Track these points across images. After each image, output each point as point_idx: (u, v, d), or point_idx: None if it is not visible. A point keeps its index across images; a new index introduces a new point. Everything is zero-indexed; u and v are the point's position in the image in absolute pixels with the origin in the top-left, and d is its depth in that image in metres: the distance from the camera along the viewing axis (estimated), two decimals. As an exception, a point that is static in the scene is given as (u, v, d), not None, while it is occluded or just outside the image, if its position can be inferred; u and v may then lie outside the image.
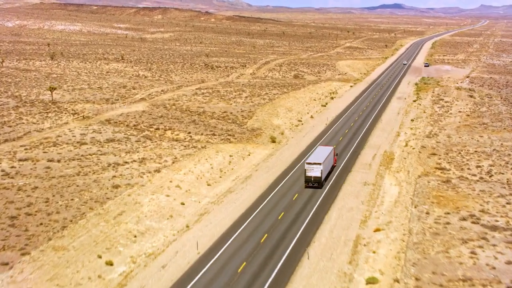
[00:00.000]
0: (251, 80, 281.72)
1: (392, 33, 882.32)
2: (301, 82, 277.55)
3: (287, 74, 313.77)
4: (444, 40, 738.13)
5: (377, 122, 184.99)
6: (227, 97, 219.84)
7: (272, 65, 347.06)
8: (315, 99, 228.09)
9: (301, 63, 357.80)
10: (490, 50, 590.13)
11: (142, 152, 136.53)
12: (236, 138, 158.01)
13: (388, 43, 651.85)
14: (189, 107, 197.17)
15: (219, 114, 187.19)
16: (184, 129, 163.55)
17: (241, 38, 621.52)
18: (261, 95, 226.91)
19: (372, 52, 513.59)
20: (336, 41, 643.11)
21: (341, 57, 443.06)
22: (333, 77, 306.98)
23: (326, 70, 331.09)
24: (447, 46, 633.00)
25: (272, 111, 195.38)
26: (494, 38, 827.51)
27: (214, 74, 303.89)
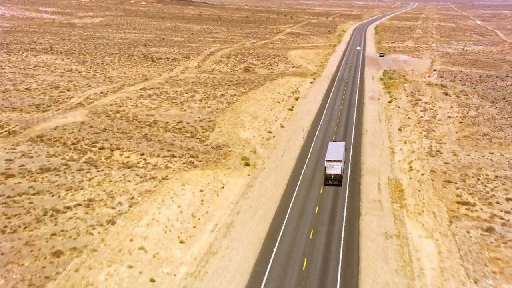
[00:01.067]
0: (199, 75, 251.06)
1: (329, 17, 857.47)
2: (255, 77, 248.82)
3: (236, 67, 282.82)
4: (384, 24, 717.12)
5: (362, 133, 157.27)
6: (179, 100, 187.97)
7: (218, 56, 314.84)
8: (278, 101, 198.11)
9: (249, 54, 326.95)
10: (435, 35, 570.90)
11: (88, 188, 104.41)
12: (201, 160, 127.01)
13: (329, 28, 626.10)
14: (137, 115, 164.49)
15: (173, 125, 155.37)
16: (135, 148, 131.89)
17: (176, 23, 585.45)
18: (217, 96, 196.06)
19: (316, 39, 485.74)
20: (276, 26, 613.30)
21: (286, 45, 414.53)
22: (287, 71, 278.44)
23: (278, 62, 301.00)
24: (390, 31, 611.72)
25: (235, 120, 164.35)
26: (432, 22, 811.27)
27: (156, 68, 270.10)
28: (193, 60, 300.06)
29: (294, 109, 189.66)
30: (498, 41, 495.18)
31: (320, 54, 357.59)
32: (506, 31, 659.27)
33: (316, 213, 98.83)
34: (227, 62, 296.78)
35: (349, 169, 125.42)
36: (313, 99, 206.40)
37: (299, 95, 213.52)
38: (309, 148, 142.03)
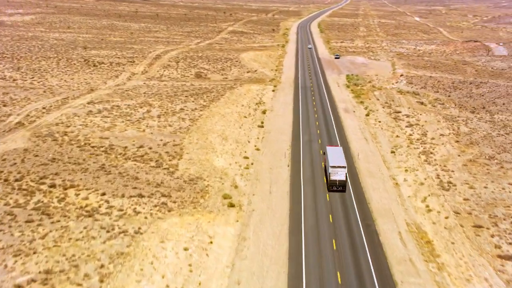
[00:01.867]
0: (148, 83, 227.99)
1: (268, 14, 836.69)
2: (211, 86, 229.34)
3: (186, 73, 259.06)
4: (326, 22, 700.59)
5: (353, 158, 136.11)
6: (134, 117, 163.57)
7: (165, 60, 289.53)
8: (245, 116, 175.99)
9: (198, 57, 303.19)
10: (381, 34, 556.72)
11: (43, 252, 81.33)
12: (176, 201, 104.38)
13: (272, 26, 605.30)
14: (88, 138, 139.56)
15: (134, 151, 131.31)
16: (93, 185, 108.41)
17: (113, 21, 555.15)
18: (176, 111, 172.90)
19: (262, 38, 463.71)
20: (217, 25, 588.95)
21: (233, 45, 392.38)
22: (243, 76, 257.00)
23: (231, 67, 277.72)
24: (334, 29, 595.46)
25: (204, 142, 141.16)
26: (372, 19, 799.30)
27: (100, 74, 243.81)
28: (139, 65, 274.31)
29: (265, 125, 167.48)
30: (446, 39, 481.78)
31: (272, 56, 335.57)
32: (448, 28, 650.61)
33: (340, 284, 76.11)
34: (176, 66, 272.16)
35: (356, 209, 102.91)
36: (282, 112, 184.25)
37: (265, 107, 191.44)
38: (299, 179, 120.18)
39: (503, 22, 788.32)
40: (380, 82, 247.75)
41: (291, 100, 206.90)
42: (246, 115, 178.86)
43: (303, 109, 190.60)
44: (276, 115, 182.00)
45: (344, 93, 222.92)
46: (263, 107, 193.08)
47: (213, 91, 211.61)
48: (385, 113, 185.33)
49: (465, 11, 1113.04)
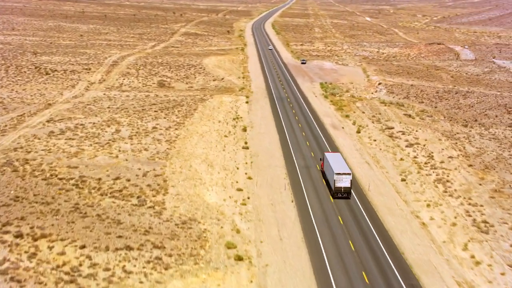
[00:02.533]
0: (109, 94, 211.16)
1: (219, 14, 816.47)
2: (179, 97, 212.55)
3: (148, 81, 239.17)
4: (279, 22, 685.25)
5: (363, 190, 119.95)
6: (103, 138, 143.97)
7: (123, 66, 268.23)
8: (225, 135, 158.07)
9: (158, 64, 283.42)
10: (338, 35, 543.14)
11: None
12: (172, 254, 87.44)
13: (225, 27, 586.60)
14: (55, 167, 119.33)
15: (110, 184, 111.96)
16: (69, 233, 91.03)
17: (59, 22, 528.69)
18: (149, 131, 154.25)
19: (218, 41, 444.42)
20: (168, 26, 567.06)
21: (190, 49, 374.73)
22: (209, 85, 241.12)
23: (195, 74, 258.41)
24: (289, 30, 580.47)
25: (189, 171, 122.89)
26: (324, 19, 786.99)
27: (54, 84, 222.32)
28: (96, 73, 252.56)
29: (250, 146, 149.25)
30: (409, 42, 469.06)
31: (235, 61, 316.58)
32: (403, 29, 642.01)
33: None
34: (136, 74, 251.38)
35: (391, 264, 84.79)
36: (264, 130, 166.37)
37: (244, 123, 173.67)
38: (310, 221, 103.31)
39: (455, 22, 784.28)
40: (358, 92, 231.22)
41: (270, 114, 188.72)
42: (226, 134, 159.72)
43: (287, 125, 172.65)
44: (259, 133, 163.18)
45: (324, 104, 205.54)
46: (242, 122, 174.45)
47: (183, 104, 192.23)
48: (377, 130, 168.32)
49: (412, 11, 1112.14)
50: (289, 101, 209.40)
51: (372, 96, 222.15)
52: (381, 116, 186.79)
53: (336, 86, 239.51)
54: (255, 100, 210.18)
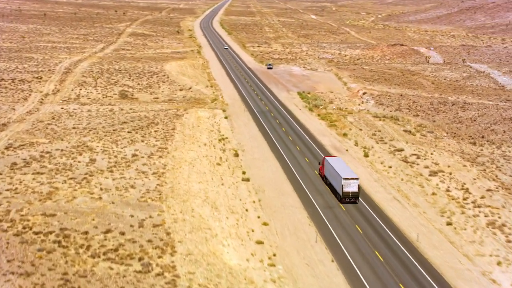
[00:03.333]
0: (68, 108, 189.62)
1: (162, 12, 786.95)
2: (149, 112, 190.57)
3: (108, 92, 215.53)
4: (226, 21, 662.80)
5: (412, 243, 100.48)
6: (77, 171, 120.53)
7: (78, 74, 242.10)
8: (217, 162, 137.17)
9: (116, 71, 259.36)
10: (290, 35, 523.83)
11: None
12: None
13: (172, 26, 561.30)
14: (27, 217, 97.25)
15: (100, 240, 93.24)
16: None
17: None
18: (129, 159, 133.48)
19: (170, 42, 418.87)
20: (113, 25, 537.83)
21: (143, 51, 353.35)
22: (176, 96, 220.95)
23: (159, 83, 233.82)
24: (240, 30, 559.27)
25: (193, 217, 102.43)
26: (270, 17, 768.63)
27: (3, 96, 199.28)
28: (48, 82, 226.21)
29: (251, 178, 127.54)
30: (370, 43, 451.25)
31: (197, 66, 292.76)
32: (354, 28, 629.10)
33: None
34: (94, 84, 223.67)
35: None
36: (258, 154, 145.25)
37: (232, 146, 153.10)
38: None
39: (403, 20, 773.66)
40: (343, 103, 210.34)
41: (258, 132, 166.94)
42: (218, 161, 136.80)
43: (283, 148, 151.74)
44: (254, 159, 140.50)
45: (313, 120, 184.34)
46: (230, 145, 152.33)
47: (158, 121, 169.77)
48: (385, 152, 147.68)
49: (354, 8, 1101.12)
50: (273, 115, 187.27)
51: (359, 108, 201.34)
52: (382, 134, 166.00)
53: (317, 97, 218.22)
54: (235, 115, 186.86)
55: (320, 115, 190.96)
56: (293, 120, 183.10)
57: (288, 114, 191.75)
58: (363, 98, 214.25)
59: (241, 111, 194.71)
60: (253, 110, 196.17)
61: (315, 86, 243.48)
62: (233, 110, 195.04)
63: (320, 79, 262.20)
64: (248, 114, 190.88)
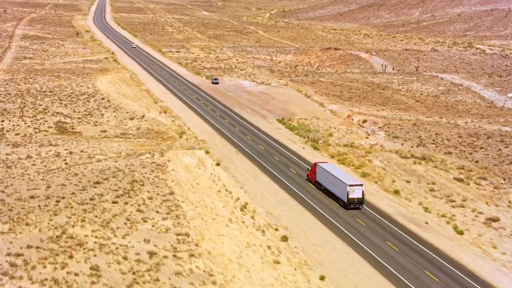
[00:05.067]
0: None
1: (44, 8, 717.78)
2: (109, 157, 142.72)
3: (41, 124, 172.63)
4: (121, 20, 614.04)
5: None
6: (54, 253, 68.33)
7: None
8: (275, 259, 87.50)
9: (39, 92, 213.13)
10: (200, 36, 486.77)
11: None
12: None
13: (66, 26, 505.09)
14: None
15: None
16: None
17: None
18: (149, 266, 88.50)
19: (73, 47, 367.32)
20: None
21: (48, 59, 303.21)
22: (128, 127, 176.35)
23: (99, 108, 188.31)
24: (142, 30, 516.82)
25: None
26: (165, 15, 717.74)
27: None
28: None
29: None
30: (302, 47, 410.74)
31: (128, 82, 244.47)
32: (259, 26, 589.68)
33: None
34: (20, 114, 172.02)
35: None
36: (317, 237, 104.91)
37: (267, 220, 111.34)
38: None
39: (302, 17, 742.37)
40: (344, 135, 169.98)
41: (283, 193, 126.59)
42: (271, 255, 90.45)
43: (341, 222, 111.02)
44: (315, 247, 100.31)
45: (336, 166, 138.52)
46: (260, 218, 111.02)
47: (140, 178, 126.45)
48: (476, 223, 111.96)
49: (241, 3, 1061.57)
50: (279, 160, 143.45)
51: (369, 143, 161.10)
52: (439, 188, 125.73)
53: (306, 126, 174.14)
54: (227, 161, 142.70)
55: (333, 156, 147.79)
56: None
57: (296, 157, 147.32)
58: (366, 128, 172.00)
59: (230, 153, 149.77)
60: (247, 152, 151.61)
61: (288, 109, 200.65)
62: (219, 152, 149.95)
63: (286, 97, 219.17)
64: (245, 158, 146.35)
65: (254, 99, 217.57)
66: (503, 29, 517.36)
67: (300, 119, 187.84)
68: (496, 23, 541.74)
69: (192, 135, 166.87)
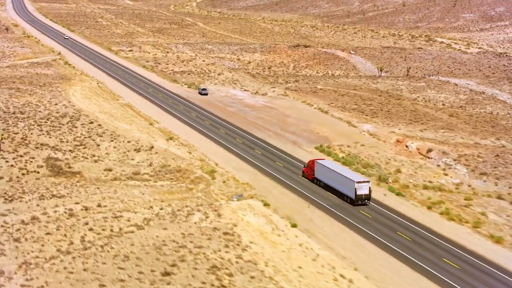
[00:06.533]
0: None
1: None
2: (134, 222, 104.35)
3: (28, 163, 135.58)
4: (45, 11, 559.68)
5: None
6: None
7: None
8: None
9: (9, 114, 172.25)
10: (141, 30, 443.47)
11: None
12: None
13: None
14: None
15: None
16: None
17: None
18: None
19: (10, 46, 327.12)
20: None
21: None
22: (137, 163, 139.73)
23: (92, 136, 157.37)
24: (74, 23, 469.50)
25: None
26: (88, 4, 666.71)
27: None
28: None
29: None
30: (269, 44, 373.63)
31: (101, 94, 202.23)
32: (197, 18, 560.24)
33: None
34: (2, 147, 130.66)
35: None
36: None
37: None
38: None
39: (234, 7, 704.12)
40: (418, 172, 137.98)
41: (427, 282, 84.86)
42: None
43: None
44: None
45: (435, 220, 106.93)
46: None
47: (224, 265, 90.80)
48: None
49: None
50: (372, 217, 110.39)
51: (452, 181, 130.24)
52: None
53: (357, 158, 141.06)
54: (298, 216, 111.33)
55: (430, 206, 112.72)
56: (424, 230, 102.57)
57: (389, 212, 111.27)
58: (436, 160, 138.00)
59: (296, 204, 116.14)
60: (318, 203, 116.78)
61: (314, 130, 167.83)
62: (279, 202, 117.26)
63: (299, 113, 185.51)
64: (321, 213, 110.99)
65: (264, 116, 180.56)
66: (455, 20, 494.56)
67: (341, 146, 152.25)
68: (446, 13, 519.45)
69: (225, 174, 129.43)
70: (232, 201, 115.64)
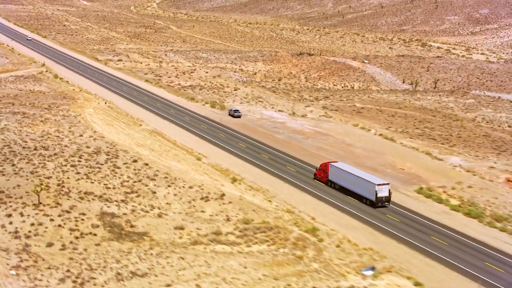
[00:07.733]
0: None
1: None
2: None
3: (79, 221, 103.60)
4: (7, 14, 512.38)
5: None
6: None
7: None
8: None
9: (16, 153, 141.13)
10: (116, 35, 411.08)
11: None
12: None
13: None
14: None
15: None
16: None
17: None
18: None
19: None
20: None
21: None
22: (210, 218, 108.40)
23: (141, 179, 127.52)
24: (41, 28, 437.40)
25: None
26: (45, 6, 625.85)
27: None
28: None
29: None
30: (270, 52, 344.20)
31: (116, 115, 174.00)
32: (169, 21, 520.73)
33: None
34: (37, 201, 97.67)
35: None
36: None
37: None
38: None
39: (199, 8, 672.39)
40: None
41: None
42: None
43: None
44: None
45: None
46: None
47: None
48: None
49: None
50: None
51: None
52: None
53: (477, 207, 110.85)
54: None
55: None
56: None
57: None
58: None
59: (442, 278, 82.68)
60: (473, 275, 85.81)
61: (395, 165, 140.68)
62: (437, 281, 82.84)
63: (363, 142, 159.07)
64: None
65: (324, 146, 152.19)
66: (441, 23, 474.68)
67: (443, 187, 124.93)
68: (429, 16, 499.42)
69: (332, 234, 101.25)
70: (366, 276, 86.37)
